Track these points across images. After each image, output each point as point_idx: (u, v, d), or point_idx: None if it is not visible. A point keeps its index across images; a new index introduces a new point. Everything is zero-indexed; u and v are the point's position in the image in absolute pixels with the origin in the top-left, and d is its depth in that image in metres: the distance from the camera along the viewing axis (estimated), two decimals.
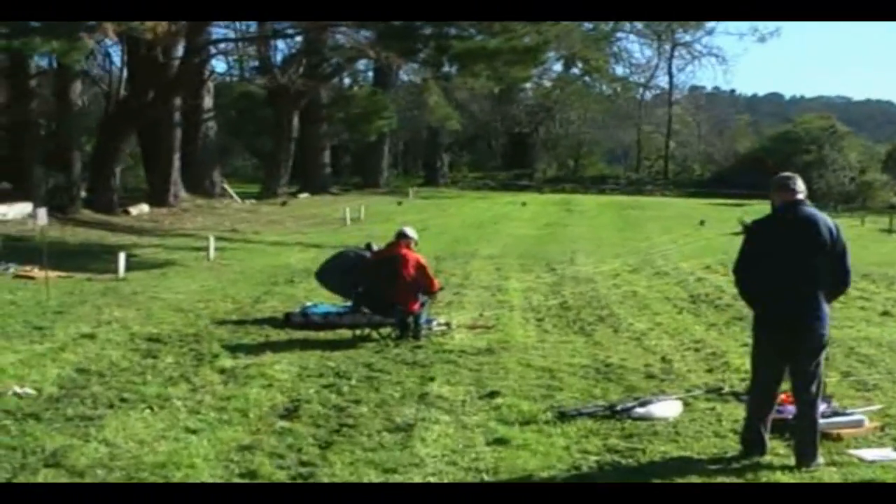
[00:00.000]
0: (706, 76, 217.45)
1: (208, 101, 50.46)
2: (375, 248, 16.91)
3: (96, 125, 41.86)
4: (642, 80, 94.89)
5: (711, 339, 16.27)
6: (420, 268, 15.58)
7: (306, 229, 38.51)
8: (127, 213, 38.15)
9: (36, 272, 22.27)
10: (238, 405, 10.92)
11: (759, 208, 47.24)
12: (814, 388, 9.16)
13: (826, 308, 9.20)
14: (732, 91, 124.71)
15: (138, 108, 38.00)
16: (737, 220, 43.30)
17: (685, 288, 23.21)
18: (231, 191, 51.02)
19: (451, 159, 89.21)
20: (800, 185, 9.41)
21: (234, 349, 14.28)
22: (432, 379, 12.55)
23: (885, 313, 19.24)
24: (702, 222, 45.84)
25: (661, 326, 17.51)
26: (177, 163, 42.54)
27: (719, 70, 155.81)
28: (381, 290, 15.39)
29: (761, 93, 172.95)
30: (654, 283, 23.89)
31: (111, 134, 38.26)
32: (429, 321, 16.59)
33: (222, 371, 12.78)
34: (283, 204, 50.22)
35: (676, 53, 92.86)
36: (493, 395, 11.72)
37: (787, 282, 9.16)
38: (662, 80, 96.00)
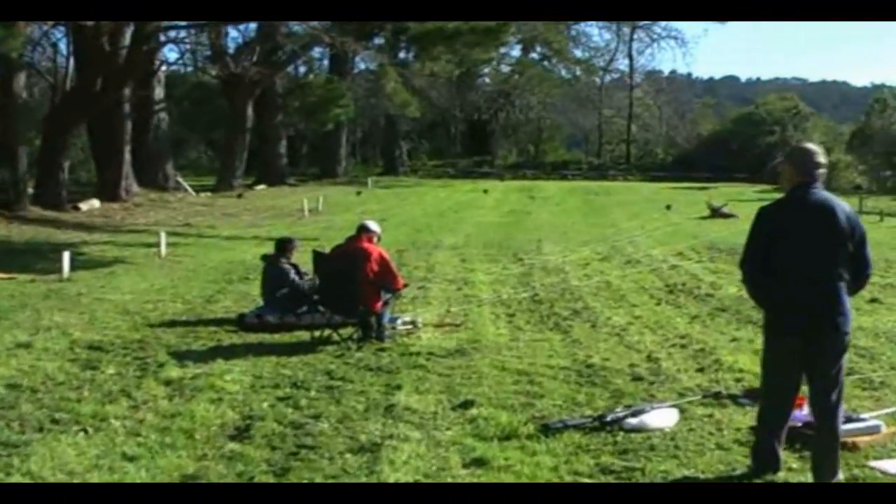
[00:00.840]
0: (666, 59, 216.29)
1: (159, 92, 49.01)
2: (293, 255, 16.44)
3: (42, 118, 40.26)
4: (602, 64, 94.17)
5: (696, 333, 15.24)
6: (383, 263, 14.41)
7: (263, 222, 37.18)
8: (77, 208, 36.70)
9: None
10: (183, 424, 9.76)
11: (725, 191, 46.58)
12: (835, 395, 8.04)
13: (848, 303, 8.07)
14: (689, 74, 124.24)
15: (86, 99, 36.40)
16: (704, 203, 42.86)
17: (660, 276, 22.18)
18: (185, 184, 49.49)
19: (410, 147, 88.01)
20: (822, 160, 8.23)
21: (181, 357, 13.10)
22: (399, 387, 11.44)
23: (874, 300, 18.24)
24: (668, 207, 44.92)
25: (641, 320, 16.45)
26: (128, 156, 40.96)
27: (678, 53, 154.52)
28: (340, 289, 14.21)
29: (718, 76, 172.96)
30: (627, 273, 22.83)
31: (58, 127, 36.71)
32: (393, 319, 15.51)
33: (168, 383, 11.61)
34: (239, 196, 48.76)
35: (636, 36, 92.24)
36: (467, 405, 10.63)
37: (806, 274, 7.98)
38: (622, 64, 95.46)
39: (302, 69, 69.29)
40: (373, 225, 15.05)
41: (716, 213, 40.78)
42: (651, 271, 23.06)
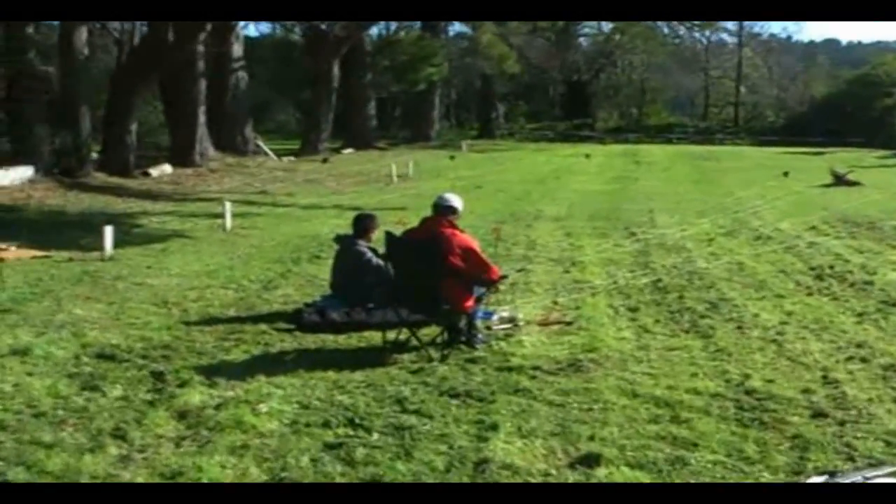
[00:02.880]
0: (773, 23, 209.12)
1: (237, 49, 45.83)
2: (374, 234, 13.55)
3: (108, 77, 37.38)
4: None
5: (873, 339, 11.89)
6: (469, 253, 11.24)
7: (347, 189, 34.17)
8: (146, 174, 33.92)
9: (12, 251, 18.27)
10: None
11: (843, 157, 42.51)
12: None
13: None
14: (789, 38, 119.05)
15: (156, 54, 33.43)
16: (828, 170, 39.11)
17: (799, 257, 18.76)
18: (266, 147, 46.39)
19: (506, 110, 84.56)
20: None
21: (212, 371, 10.15)
22: (495, 427, 8.35)
23: None
24: (786, 174, 41.15)
25: (796, 318, 13.14)
26: (202, 117, 37.90)
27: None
28: (419, 282, 11.09)
29: (818, 38, 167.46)
30: (760, 251, 19.46)
31: (125, 86, 33.86)
32: (487, 315, 12.48)
33: (182, 415, 8.69)
34: (324, 161, 45.62)
35: None
36: (590, 461, 7.57)
37: None
38: (728, 23, 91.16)
39: (392, 26, 66.01)
40: (454, 200, 11.88)
41: (840, 180, 37.16)
42: (786, 250, 19.65)
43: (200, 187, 32.99)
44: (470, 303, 11.17)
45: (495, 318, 12.73)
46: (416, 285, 11.04)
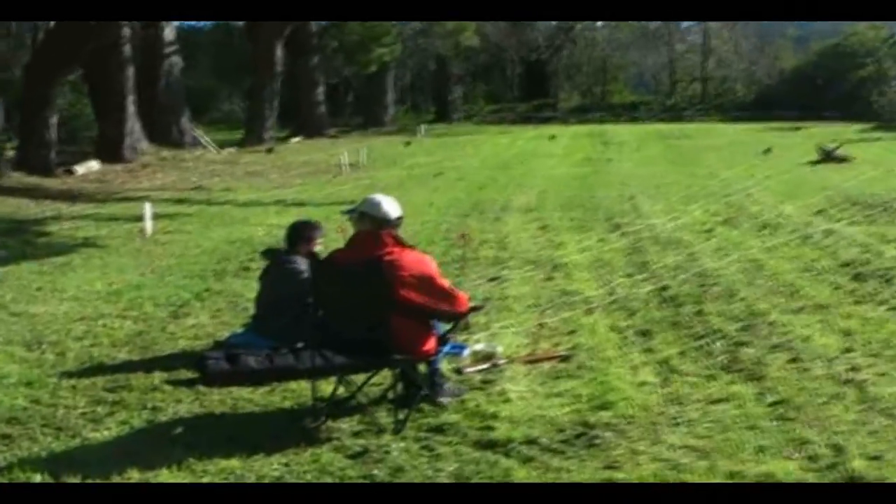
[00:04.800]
0: None
1: (169, 33, 41.55)
2: (318, 248, 10.40)
3: (22, 66, 33.50)
4: None
5: None
6: (425, 280, 7.96)
7: (292, 182, 30.71)
8: (70, 172, 30.35)
9: None
10: None
11: (822, 131, 39.50)
12: None
13: None
14: None
15: (74, 39, 29.61)
16: (814, 146, 36.18)
17: (822, 250, 15.72)
18: (205, 139, 42.61)
19: (464, 91, 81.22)
20: None
21: (62, 464, 7.06)
22: None
23: None
24: (767, 150, 38.16)
25: (858, 339, 10.09)
26: (131, 108, 34.20)
27: None
28: (357, 324, 7.89)
29: None
30: (771, 244, 16.41)
31: (40, 75, 30.22)
32: (457, 350, 9.42)
33: None
34: (269, 151, 41.92)
35: None
36: None
37: None
38: None
39: None
40: (386, 204, 8.38)
41: (828, 156, 34.28)
42: (802, 241, 16.64)
43: (129, 185, 29.44)
44: (430, 345, 7.98)
45: (466, 354, 9.65)
46: (354, 328, 7.85)
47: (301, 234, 10.43)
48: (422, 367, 8.23)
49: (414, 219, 20.10)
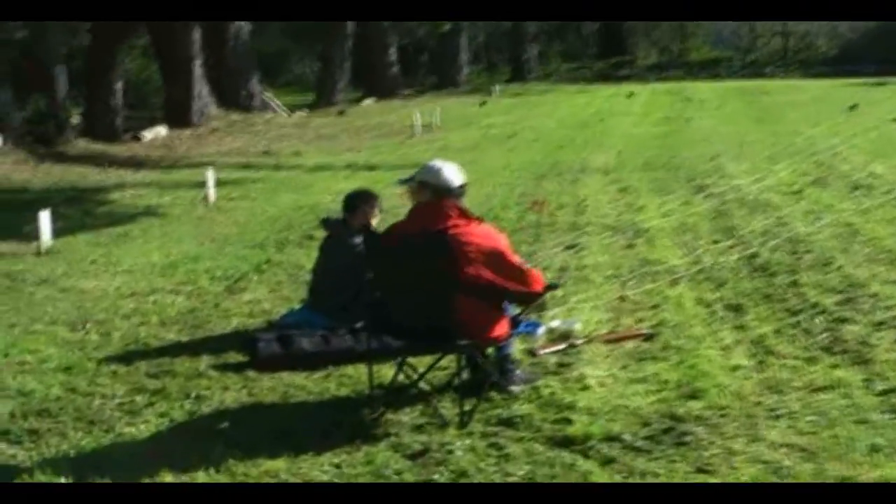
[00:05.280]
0: None
1: None
2: (375, 220, 9.46)
3: (86, 31, 32.78)
4: None
5: None
6: (495, 256, 7.10)
7: (363, 144, 29.89)
8: (137, 139, 29.74)
9: None
10: None
11: None
12: None
13: None
14: None
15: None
16: None
17: None
18: (275, 102, 41.86)
19: (539, 50, 79.80)
20: None
21: (88, 465, 6.32)
22: None
23: None
24: (853, 107, 36.78)
25: None
26: (198, 70, 33.65)
27: None
28: (417, 306, 7.08)
29: None
30: (865, 205, 15.35)
31: (104, 40, 29.54)
32: (530, 329, 8.62)
33: None
34: (341, 113, 41.07)
35: None
36: None
37: None
38: None
39: None
40: (447, 171, 7.46)
41: None
42: None
43: (196, 150, 28.75)
44: (500, 329, 7.17)
45: (541, 332, 8.81)
46: (414, 310, 7.05)
47: (355, 204, 9.61)
48: (490, 351, 7.42)
49: (488, 181, 19.30)
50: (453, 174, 7.38)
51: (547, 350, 8.38)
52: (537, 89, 58.53)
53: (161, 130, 31.11)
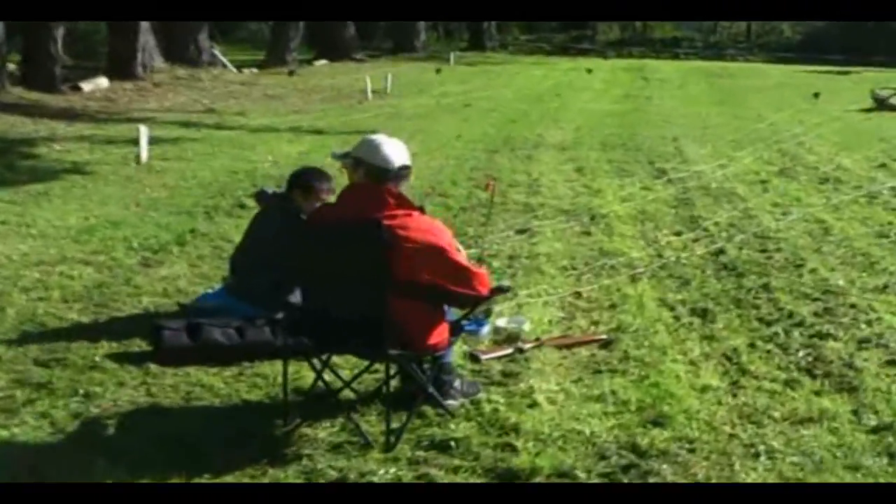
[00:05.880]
0: None
1: None
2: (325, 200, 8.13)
3: None
4: None
5: None
6: (436, 253, 6.04)
7: (312, 107, 28.72)
8: (77, 89, 28.38)
9: None
10: None
11: (872, 77, 37.19)
12: None
13: None
14: None
15: None
16: (867, 92, 34.06)
17: (894, 211, 13.90)
18: (223, 58, 40.36)
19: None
20: None
21: None
22: None
23: None
24: (816, 95, 35.97)
25: None
26: (145, 22, 32.39)
27: None
28: (343, 305, 6.04)
29: None
30: (835, 201, 14.52)
31: None
32: (475, 328, 7.62)
33: None
34: (291, 73, 39.66)
35: None
36: None
37: None
38: None
39: None
40: (388, 150, 6.24)
41: (882, 104, 32.17)
42: (870, 200, 14.75)
43: (136, 104, 27.42)
44: (439, 337, 6.16)
45: (485, 332, 7.84)
46: (341, 307, 6.02)
47: (301, 182, 8.51)
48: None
49: (438, 153, 18.36)
50: (395, 153, 6.21)
51: (491, 355, 7.40)
52: (495, 59, 57.53)
53: (102, 82, 29.77)
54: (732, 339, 7.95)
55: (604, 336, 7.97)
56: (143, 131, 17.46)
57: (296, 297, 7.16)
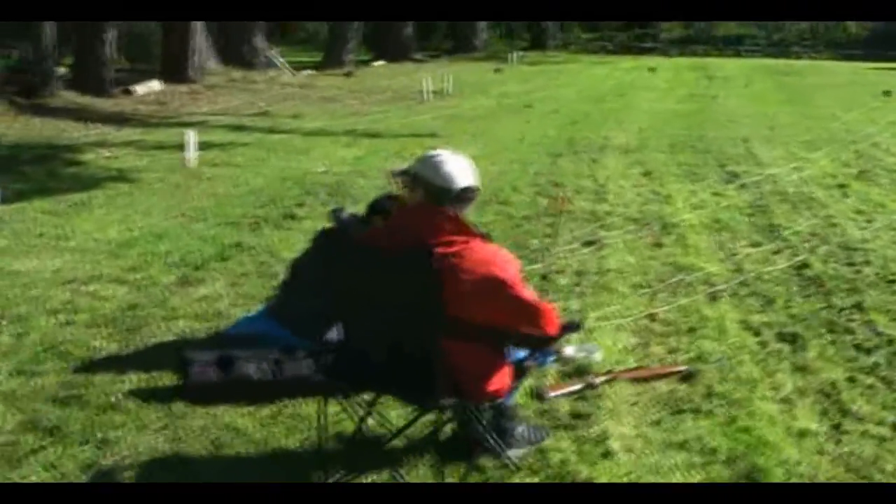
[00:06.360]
0: None
1: None
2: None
3: None
4: None
5: None
6: (496, 287, 5.13)
7: (369, 109, 28.03)
8: (128, 93, 27.94)
9: None
10: None
11: None
12: None
13: None
14: None
15: None
16: None
17: None
18: (279, 59, 39.74)
19: None
20: None
21: None
22: None
23: None
24: (887, 93, 34.86)
25: None
26: (198, 23, 31.73)
27: None
28: (392, 346, 5.21)
29: None
30: None
31: None
32: (539, 358, 6.69)
33: None
34: (348, 75, 39.02)
35: None
36: None
37: None
38: None
39: None
40: (450, 167, 5.33)
41: None
42: None
43: (188, 108, 26.81)
44: (501, 382, 5.31)
45: (551, 362, 7.02)
46: (385, 349, 5.22)
47: (380, 209, 7.51)
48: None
49: (500, 157, 17.57)
50: (458, 171, 5.33)
51: (559, 392, 6.60)
52: (556, 58, 56.56)
53: (155, 85, 29.25)
54: (828, 371, 7.10)
55: (683, 367, 7.14)
56: (191, 136, 16.80)
57: (335, 333, 6.38)
